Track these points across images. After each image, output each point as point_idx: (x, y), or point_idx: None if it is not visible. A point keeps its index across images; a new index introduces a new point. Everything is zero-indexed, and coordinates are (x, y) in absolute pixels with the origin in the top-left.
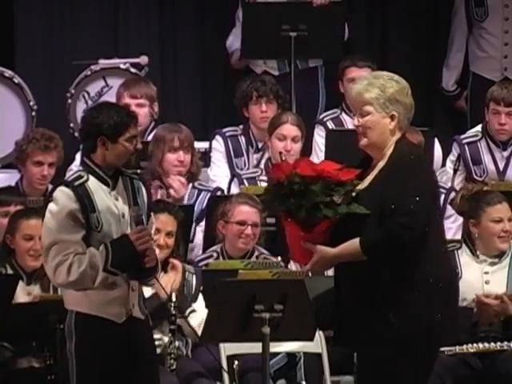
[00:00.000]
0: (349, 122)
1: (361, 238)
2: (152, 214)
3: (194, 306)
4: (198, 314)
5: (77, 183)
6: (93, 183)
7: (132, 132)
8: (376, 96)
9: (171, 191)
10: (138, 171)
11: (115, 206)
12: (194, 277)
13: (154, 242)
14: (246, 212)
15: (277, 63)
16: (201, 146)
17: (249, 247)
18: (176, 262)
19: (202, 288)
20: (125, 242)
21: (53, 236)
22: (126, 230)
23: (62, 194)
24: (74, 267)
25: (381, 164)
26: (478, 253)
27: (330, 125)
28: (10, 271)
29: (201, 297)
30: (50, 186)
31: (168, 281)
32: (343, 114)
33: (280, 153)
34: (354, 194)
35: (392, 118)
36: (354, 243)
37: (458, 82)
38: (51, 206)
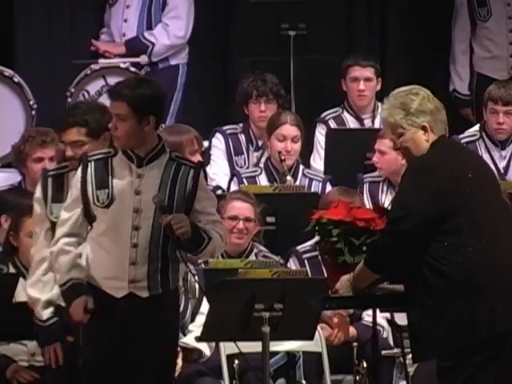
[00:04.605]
0: (350, 121)
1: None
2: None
3: (199, 314)
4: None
5: (94, 158)
6: (118, 159)
7: None
8: (401, 116)
9: None
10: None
11: (132, 183)
12: (196, 278)
13: None
14: (237, 207)
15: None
16: None
17: (242, 242)
18: None
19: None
20: None
21: None
22: (140, 208)
23: None
24: None
25: None
26: None
27: (332, 123)
28: (12, 270)
29: (205, 300)
30: None
31: None
32: (345, 113)
33: (279, 152)
34: None
35: (424, 128)
36: (362, 263)
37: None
38: None
